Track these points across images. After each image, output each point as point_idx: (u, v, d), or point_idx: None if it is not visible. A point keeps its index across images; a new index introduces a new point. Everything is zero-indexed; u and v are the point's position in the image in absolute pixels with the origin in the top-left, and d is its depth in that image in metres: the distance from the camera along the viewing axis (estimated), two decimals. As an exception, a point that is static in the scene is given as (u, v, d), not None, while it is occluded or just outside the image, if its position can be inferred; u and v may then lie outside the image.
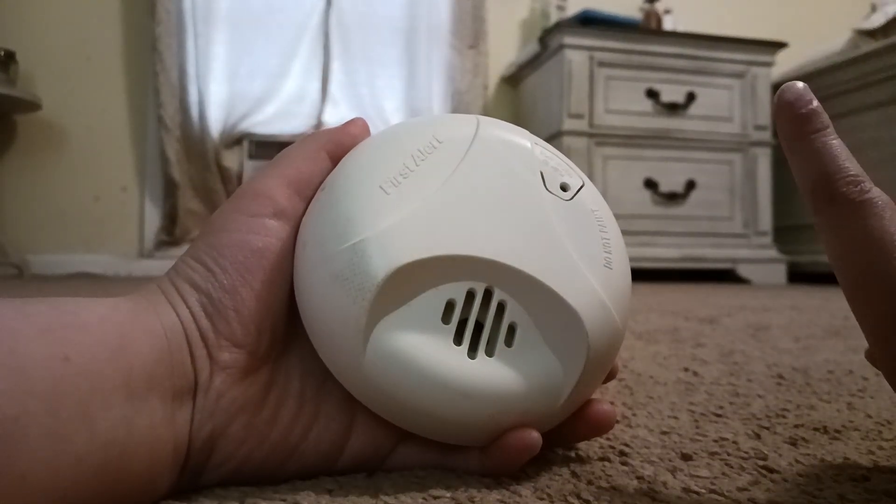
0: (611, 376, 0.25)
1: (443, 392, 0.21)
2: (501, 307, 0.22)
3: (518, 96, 2.36)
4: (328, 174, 0.24)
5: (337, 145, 0.24)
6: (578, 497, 0.21)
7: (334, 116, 2.13)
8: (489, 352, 0.22)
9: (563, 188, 0.23)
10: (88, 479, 0.17)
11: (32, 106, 1.91)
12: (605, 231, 0.23)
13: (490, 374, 0.21)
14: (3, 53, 1.81)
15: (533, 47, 2.12)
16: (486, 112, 2.28)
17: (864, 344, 0.60)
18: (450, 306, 0.22)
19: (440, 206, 0.22)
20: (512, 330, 0.22)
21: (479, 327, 0.22)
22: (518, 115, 2.35)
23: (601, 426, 0.24)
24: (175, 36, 2.02)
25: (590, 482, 0.23)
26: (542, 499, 0.21)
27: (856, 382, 0.42)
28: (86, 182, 2.03)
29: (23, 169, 1.99)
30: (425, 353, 0.21)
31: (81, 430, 0.17)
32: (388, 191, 0.22)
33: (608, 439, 0.28)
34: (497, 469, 0.23)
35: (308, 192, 0.24)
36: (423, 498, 0.21)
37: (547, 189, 0.23)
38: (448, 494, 0.21)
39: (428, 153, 0.23)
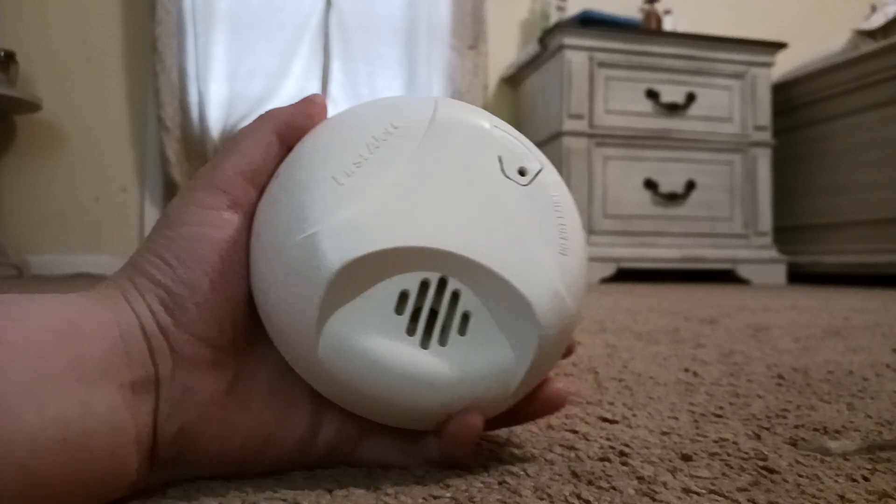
0: (567, 354, 0.25)
1: (396, 383, 0.21)
2: (456, 296, 0.22)
3: (518, 97, 2.36)
4: (282, 160, 0.24)
5: (290, 128, 0.24)
6: (579, 497, 0.21)
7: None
8: (442, 341, 0.22)
9: (522, 173, 0.23)
10: (47, 454, 0.18)
11: (32, 106, 1.91)
12: (561, 217, 0.23)
13: (442, 364, 0.22)
14: (3, 54, 1.81)
15: (533, 48, 2.12)
16: (486, 112, 2.28)
17: (864, 344, 0.60)
18: (403, 296, 0.22)
19: (394, 196, 0.22)
20: (466, 318, 0.22)
21: (434, 314, 0.22)
22: (518, 116, 2.35)
23: (553, 405, 0.25)
24: (175, 36, 2.02)
25: (590, 482, 0.23)
26: (542, 499, 0.21)
27: (856, 383, 0.42)
28: (86, 182, 2.04)
29: (23, 169, 1.99)
30: (379, 345, 0.21)
31: (30, 408, 0.17)
32: (342, 181, 0.22)
33: (608, 440, 0.28)
34: (452, 456, 0.23)
35: (261, 181, 0.23)
36: (424, 497, 0.21)
37: (505, 174, 0.23)
38: (448, 494, 0.21)
39: (383, 140, 0.22)
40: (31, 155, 2.00)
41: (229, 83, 2.07)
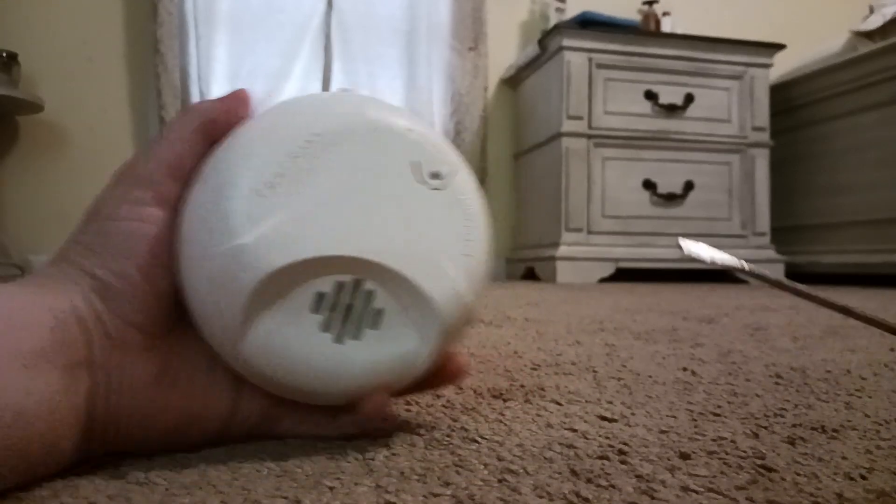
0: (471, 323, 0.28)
1: (315, 375, 0.24)
2: (370, 295, 0.24)
3: (517, 98, 2.36)
4: (206, 155, 0.25)
5: (215, 124, 0.25)
6: (578, 495, 0.21)
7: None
8: (357, 335, 0.24)
9: (435, 176, 0.25)
10: None
11: (35, 107, 1.91)
12: (468, 220, 0.26)
13: (355, 356, 0.24)
14: (5, 55, 1.81)
15: (532, 49, 2.13)
16: (486, 114, 2.29)
17: (862, 344, 0.61)
18: (320, 297, 0.24)
19: (312, 207, 0.23)
20: (379, 314, 0.25)
21: (351, 310, 0.24)
22: (517, 117, 2.36)
23: (455, 377, 0.28)
24: (177, 37, 2.02)
25: (589, 480, 0.23)
26: (541, 496, 0.21)
27: (853, 382, 0.42)
28: (88, 183, 2.04)
29: (25, 170, 1.99)
30: (298, 343, 0.24)
31: None
32: (263, 193, 0.23)
33: (607, 438, 0.28)
34: (366, 431, 0.27)
35: (185, 176, 0.25)
36: (424, 495, 0.21)
37: (417, 179, 0.25)
38: (448, 492, 0.21)
39: (303, 150, 0.24)
40: (34, 155, 2.00)
41: (231, 84, 2.08)
